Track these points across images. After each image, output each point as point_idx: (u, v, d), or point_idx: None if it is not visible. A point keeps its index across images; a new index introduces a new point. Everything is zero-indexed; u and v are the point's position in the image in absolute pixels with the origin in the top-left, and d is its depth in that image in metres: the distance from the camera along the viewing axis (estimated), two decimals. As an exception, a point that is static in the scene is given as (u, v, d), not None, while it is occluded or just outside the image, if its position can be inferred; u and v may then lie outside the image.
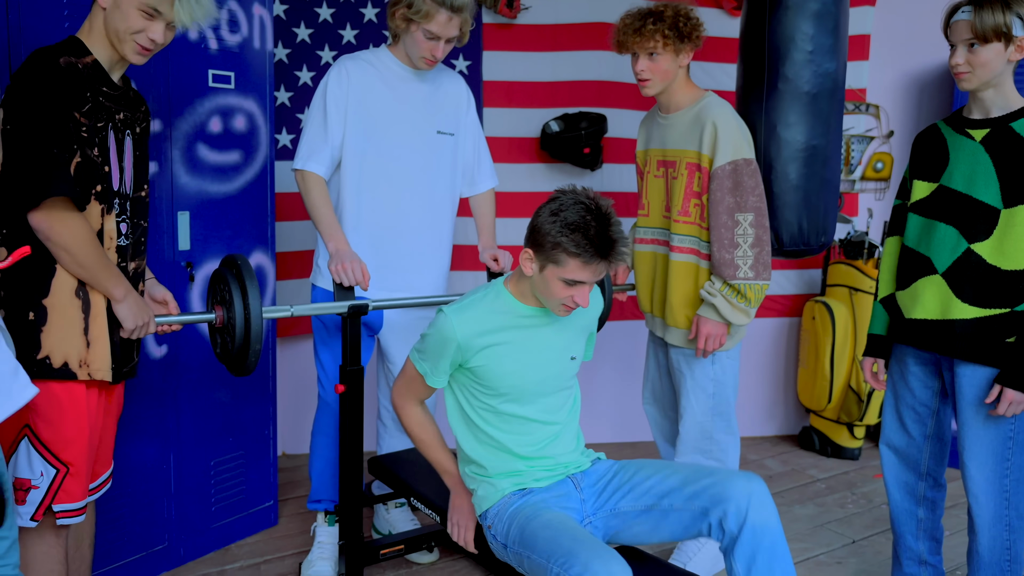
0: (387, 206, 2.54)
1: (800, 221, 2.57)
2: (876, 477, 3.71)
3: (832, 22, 2.51)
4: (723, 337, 2.46)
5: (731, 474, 1.85)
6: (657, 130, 2.59)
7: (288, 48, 3.50)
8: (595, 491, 2.02)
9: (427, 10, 2.35)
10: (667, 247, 2.55)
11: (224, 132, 2.71)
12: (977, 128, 2.17)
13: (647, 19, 2.41)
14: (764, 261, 2.41)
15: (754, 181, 2.39)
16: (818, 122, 2.54)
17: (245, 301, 2.02)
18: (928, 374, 2.32)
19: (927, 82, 4.08)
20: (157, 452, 2.63)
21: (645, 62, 2.44)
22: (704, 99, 2.48)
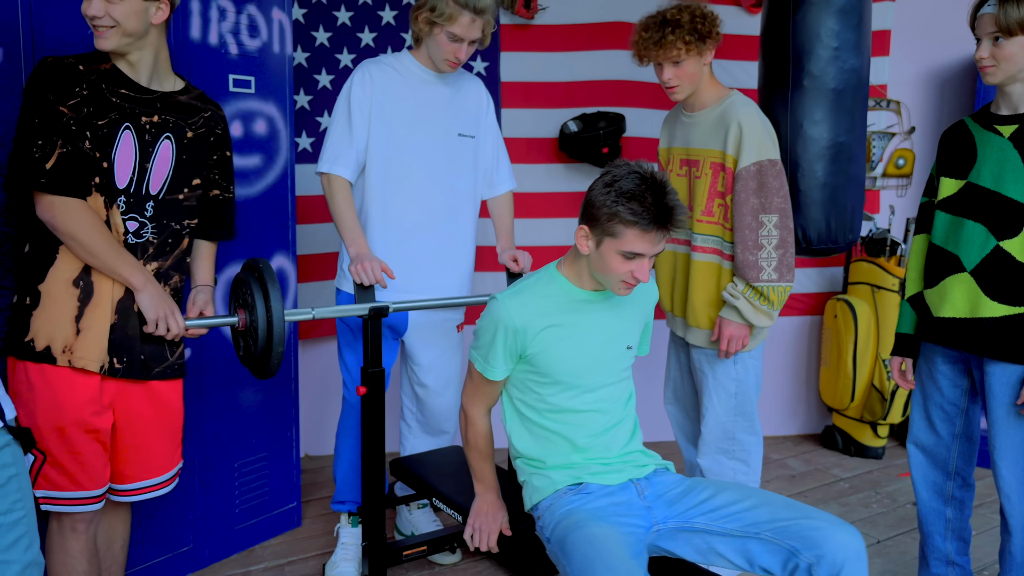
0: (411, 208, 2.53)
1: (828, 219, 2.53)
2: (900, 476, 3.66)
3: (856, 17, 2.46)
4: (746, 339, 2.42)
5: (832, 521, 1.74)
6: (681, 128, 2.55)
7: (307, 52, 3.50)
8: (664, 501, 1.93)
9: (450, 12, 2.35)
10: (688, 246, 2.52)
11: (245, 136, 2.71)
12: (1005, 124, 2.12)
13: (665, 29, 2.35)
14: (788, 263, 2.37)
15: (779, 182, 2.35)
16: (844, 119, 2.50)
17: (267, 304, 2.01)
18: (957, 373, 2.28)
19: (948, 77, 4.02)
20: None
21: (671, 70, 2.39)
22: (729, 98, 2.44)
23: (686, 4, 2.40)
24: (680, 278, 2.58)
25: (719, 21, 2.41)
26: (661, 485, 1.96)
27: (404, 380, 2.84)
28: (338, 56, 3.55)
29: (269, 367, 2.06)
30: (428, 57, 2.50)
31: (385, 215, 2.53)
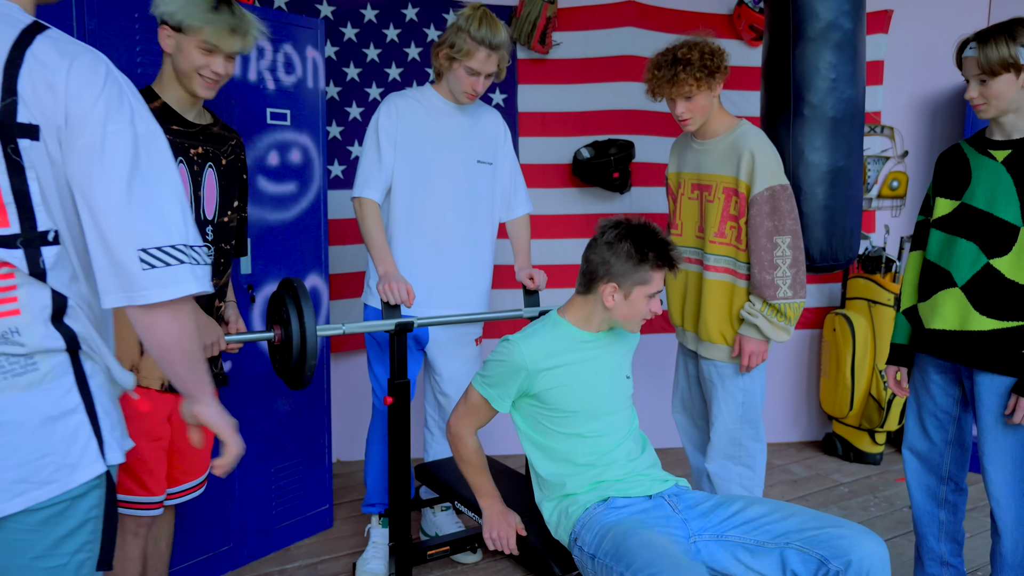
0: (433, 229, 2.56)
1: (829, 239, 2.54)
2: (897, 481, 3.62)
3: (852, 51, 2.48)
4: (765, 353, 2.41)
5: (859, 530, 1.73)
6: (692, 155, 2.55)
7: (339, 86, 3.55)
8: (697, 513, 1.90)
9: (468, 49, 2.41)
10: (701, 265, 2.52)
11: (281, 165, 2.75)
12: (999, 149, 2.12)
13: (677, 67, 2.35)
14: (801, 280, 2.37)
15: (790, 205, 2.35)
16: (842, 145, 2.51)
17: (301, 320, 2.04)
18: (949, 382, 2.26)
19: (939, 104, 4.00)
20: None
21: (683, 105, 2.39)
22: (739, 127, 2.44)
23: (695, 41, 2.40)
24: (692, 296, 2.57)
25: (726, 55, 2.42)
26: (692, 499, 1.94)
27: (428, 390, 2.86)
28: (367, 90, 3.59)
29: (303, 379, 2.08)
30: (448, 90, 2.54)
31: (409, 235, 2.56)
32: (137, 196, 1.15)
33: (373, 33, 3.57)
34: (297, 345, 2.04)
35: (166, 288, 1.16)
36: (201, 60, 1.87)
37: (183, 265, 1.17)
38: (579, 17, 3.72)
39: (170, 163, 1.21)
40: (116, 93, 1.16)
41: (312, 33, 2.81)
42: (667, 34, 3.67)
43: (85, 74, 1.14)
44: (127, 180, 1.14)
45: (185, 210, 1.20)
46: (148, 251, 1.15)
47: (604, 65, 3.75)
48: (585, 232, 3.80)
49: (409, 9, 3.60)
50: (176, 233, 1.18)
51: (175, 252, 1.17)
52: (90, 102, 1.13)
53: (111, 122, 1.14)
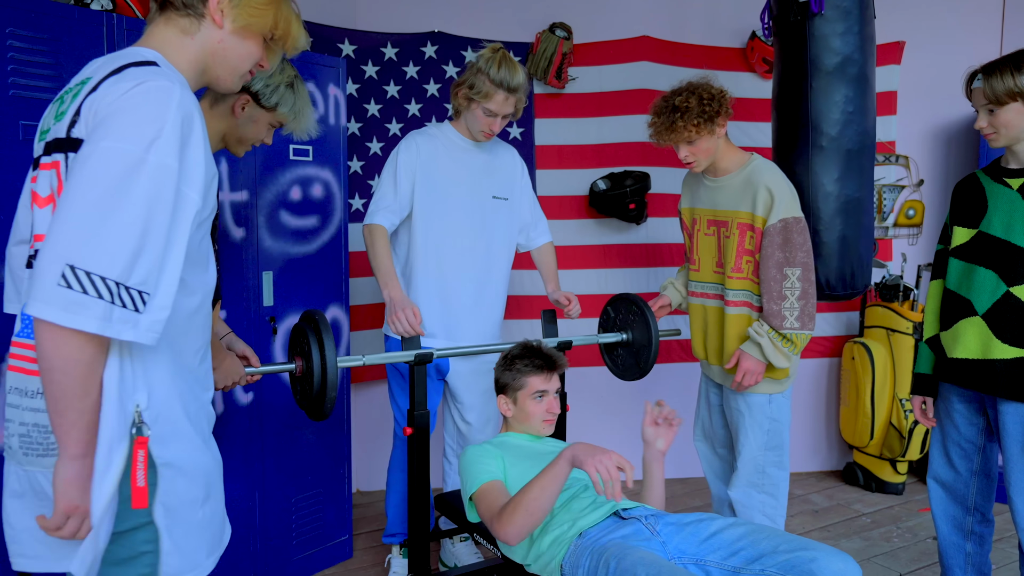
0: (451, 261, 2.59)
1: (850, 267, 2.55)
2: (921, 511, 3.55)
3: (865, 84, 2.49)
4: (759, 375, 2.40)
5: (827, 551, 1.71)
6: (705, 192, 2.55)
7: (360, 122, 3.60)
8: (674, 529, 1.88)
9: (487, 91, 2.45)
10: (722, 300, 2.51)
11: (303, 199, 2.78)
12: (1014, 177, 2.11)
13: (675, 115, 2.35)
14: (809, 312, 2.35)
15: (802, 238, 2.34)
16: (857, 176, 2.52)
17: (322, 352, 2.05)
18: (972, 411, 2.23)
19: (953, 133, 3.99)
20: (245, 490, 2.66)
21: (686, 149, 2.40)
22: (752, 162, 2.43)
23: (696, 84, 2.40)
24: (714, 330, 2.56)
25: (727, 97, 2.40)
26: (670, 517, 1.93)
27: (448, 419, 2.86)
28: (387, 125, 3.64)
29: (324, 410, 2.09)
30: (466, 128, 2.59)
31: (427, 268, 2.59)
32: (100, 213, 1.11)
33: (393, 71, 3.63)
34: (318, 377, 2.05)
35: (66, 313, 1.09)
36: (264, 133, 1.97)
37: (99, 300, 1.10)
38: (594, 52, 3.76)
39: (164, 204, 1.16)
40: (145, 116, 1.15)
41: (334, 71, 2.86)
42: (681, 68, 3.71)
43: (121, 92, 1.17)
44: (101, 196, 1.11)
45: (144, 252, 1.14)
46: (76, 270, 1.09)
47: (619, 99, 3.78)
48: (602, 262, 3.81)
49: (428, 47, 3.66)
50: (113, 267, 1.11)
51: (100, 284, 1.11)
52: (110, 113, 1.16)
53: (111, 138, 1.14)
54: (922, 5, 3.92)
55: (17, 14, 2.02)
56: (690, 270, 2.65)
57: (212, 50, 1.34)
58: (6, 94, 2.02)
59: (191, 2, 1.31)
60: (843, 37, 2.46)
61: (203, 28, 1.33)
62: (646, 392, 3.92)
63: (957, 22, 3.92)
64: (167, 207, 1.17)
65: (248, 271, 2.61)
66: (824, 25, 2.47)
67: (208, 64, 1.36)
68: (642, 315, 2.58)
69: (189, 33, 1.32)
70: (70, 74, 2.13)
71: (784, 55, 2.60)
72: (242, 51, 1.37)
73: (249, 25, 1.35)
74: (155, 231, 1.15)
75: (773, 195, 2.33)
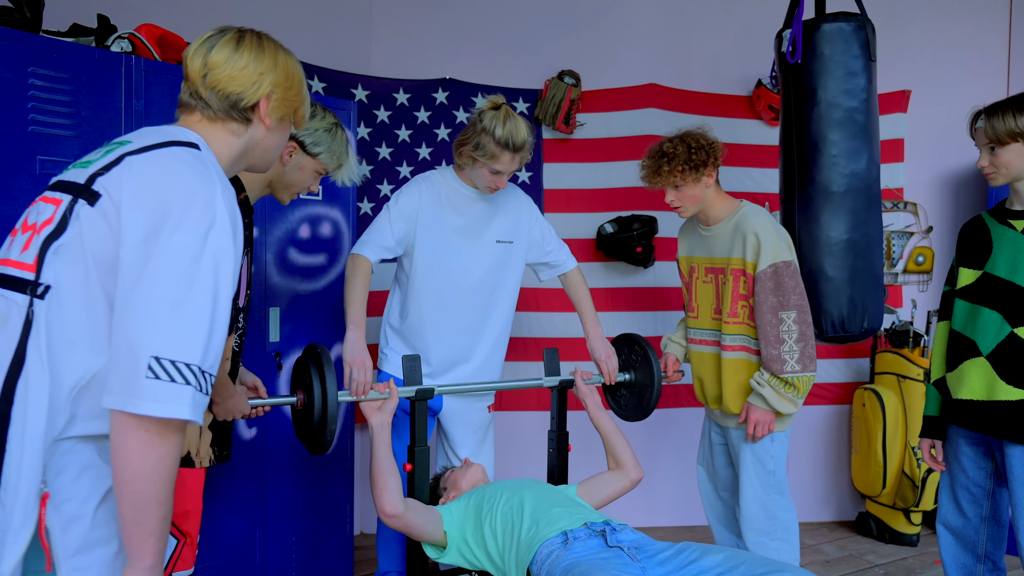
0: (453, 305, 2.57)
1: (840, 310, 2.54)
2: (935, 564, 3.46)
3: (856, 127, 2.52)
4: (771, 424, 2.41)
5: (800, 573, 1.73)
6: (700, 241, 2.59)
7: (371, 165, 3.67)
8: (656, 562, 1.87)
9: (492, 152, 2.38)
10: (718, 346, 2.52)
11: (312, 237, 2.83)
12: (1019, 218, 2.13)
13: (661, 160, 2.43)
14: (809, 354, 2.36)
15: (794, 281, 2.37)
16: (849, 217, 2.53)
17: (323, 386, 2.06)
18: (980, 455, 2.19)
19: (962, 180, 4.00)
20: (245, 528, 2.65)
21: (672, 193, 2.48)
22: (740, 210, 2.48)
23: (688, 133, 2.46)
24: (712, 376, 2.58)
25: (718, 147, 2.46)
26: (652, 549, 1.92)
27: (440, 455, 2.84)
28: (398, 168, 3.71)
29: (324, 443, 2.09)
30: (470, 179, 2.53)
31: (429, 311, 2.56)
32: (174, 303, 1.13)
33: (405, 115, 3.71)
34: (318, 410, 2.06)
35: (161, 404, 1.10)
36: (311, 180, 2.03)
37: (188, 387, 1.12)
38: (602, 99, 3.83)
39: (226, 283, 1.20)
40: (200, 207, 1.19)
41: (345, 115, 2.93)
42: (687, 115, 3.77)
43: (168, 181, 1.21)
44: (175, 287, 1.14)
45: (213, 335, 1.17)
46: (161, 360, 1.11)
47: (627, 144, 3.83)
48: (609, 305, 3.81)
49: (439, 93, 3.74)
50: (194, 353, 1.14)
51: (186, 371, 1.13)
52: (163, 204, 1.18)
53: (180, 231, 1.16)
54: (928, 54, 3.97)
55: (39, 54, 2.10)
56: (688, 317, 2.67)
57: (255, 145, 1.43)
58: (25, 130, 2.09)
59: (242, 112, 1.38)
60: (823, 84, 2.51)
61: (250, 130, 1.40)
62: (653, 436, 3.89)
63: (963, 70, 3.96)
64: (228, 290, 1.21)
65: (255, 307, 2.64)
66: (804, 73, 2.54)
67: (248, 155, 1.44)
68: (645, 356, 2.58)
69: (236, 135, 1.39)
70: (88, 112, 2.20)
71: (783, 102, 2.67)
72: (280, 140, 1.47)
73: (285, 115, 1.44)
74: (219, 314, 1.19)
75: (760, 240, 2.37)
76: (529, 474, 3.03)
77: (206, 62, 1.35)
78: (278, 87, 1.39)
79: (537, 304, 3.78)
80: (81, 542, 1.21)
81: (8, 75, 2.05)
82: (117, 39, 2.38)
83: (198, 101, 1.36)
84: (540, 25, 3.86)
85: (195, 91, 1.36)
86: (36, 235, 1.24)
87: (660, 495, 3.89)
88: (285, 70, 1.41)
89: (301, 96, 1.47)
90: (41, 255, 1.20)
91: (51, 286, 1.19)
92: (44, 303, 1.18)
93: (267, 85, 1.38)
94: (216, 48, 1.36)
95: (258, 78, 1.37)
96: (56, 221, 1.22)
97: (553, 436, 2.55)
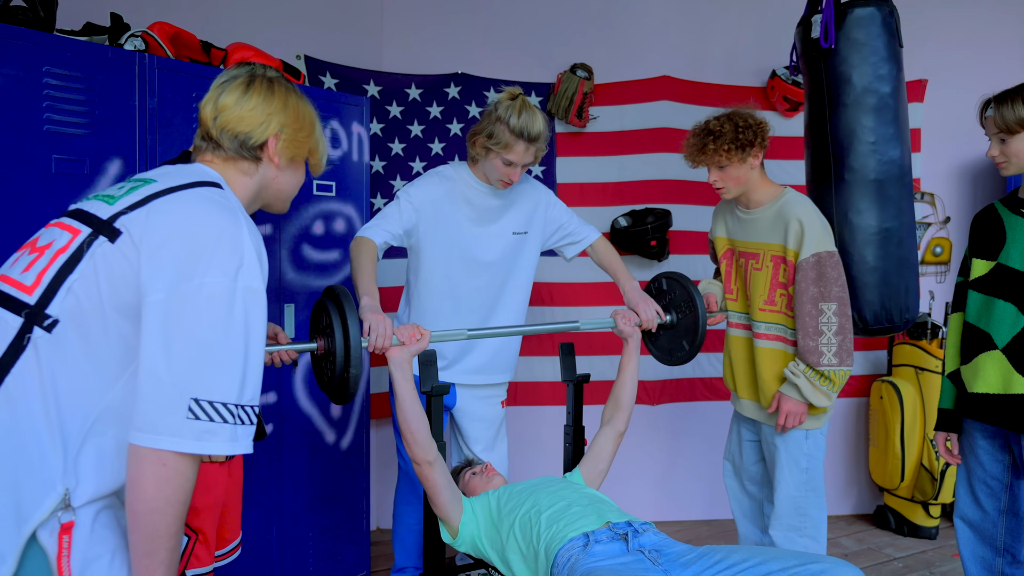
0: (469, 297, 2.56)
1: (882, 300, 2.47)
2: (955, 557, 3.43)
3: (890, 113, 2.48)
4: (803, 416, 2.35)
5: (835, 562, 1.67)
6: (737, 224, 2.54)
7: (384, 161, 3.67)
8: (680, 565, 1.83)
9: (506, 141, 2.35)
10: (750, 332, 2.49)
11: (326, 234, 2.83)
12: None
13: (707, 138, 2.37)
14: (847, 348, 2.30)
15: (837, 272, 2.31)
16: (888, 206, 2.48)
17: (344, 327, 1.90)
18: (997, 448, 2.17)
19: (979, 170, 3.96)
20: (262, 524, 2.66)
21: (716, 173, 2.40)
22: (784, 196, 2.42)
23: (736, 112, 2.39)
24: (745, 363, 2.52)
25: (766, 127, 2.39)
26: (674, 552, 1.88)
27: (454, 449, 2.84)
28: (411, 164, 3.70)
29: (348, 390, 1.92)
30: (483, 173, 2.51)
31: (444, 306, 2.55)
32: (209, 345, 1.17)
33: (417, 111, 3.70)
34: (340, 354, 1.90)
35: (201, 442, 1.16)
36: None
37: (225, 425, 1.18)
38: (615, 92, 3.81)
39: (258, 320, 1.23)
40: (228, 248, 1.21)
41: (358, 110, 2.93)
42: (701, 107, 3.74)
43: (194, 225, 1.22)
44: (210, 330, 1.17)
45: (249, 371, 1.22)
46: (200, 402, 1.16)
47: (640, 137, 3.81)
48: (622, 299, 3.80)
49: (451, 88, 3.74)
50: (230, 393, 1.19)
51: (223, 410, 1.19)
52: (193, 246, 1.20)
53: (211, 273, 1.19)
54: (945, 43, 3.92)
55: (53, 53, 2.11)
56: (727, 300, 2.61)
57: (267, 184, 1.47)
58: (40, 129, 2.10)
59: (251, 151, 1.42)
60: (858, 69, 2.46)
61: (260, 169, 1.44)
62: (672, 430, 3.87)
63: (980, 59, 3.91)
64: (261, 326, 1.24)
65: (270, 304, 2.64)
66: (838, 59, 2.48)
67: (262, 195, 1.48)
68: (685, 292, 2.45)
69: (248, 174, 1.44)
70: (103, 111, 2.21)
71: (809, 90, 2.61)
72: (292, 180, 1.52)
73: (296, 156, 1.49)
74: (254, 350, 1.23)
75: (804, 228, 2.31)
76: (544, 470, 3.02)
77: (217, 105, 1.41)
78: (287, 127, 1.44)
79: (552, 299, 3.77)
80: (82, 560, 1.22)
81: (23, 75, 2.06)
82: (130, 37, 2.39)
83: (210, 143, 1.41)
84: (552, 18, 3.84)
85: (207, 133, 1.42)
86: (41, 258, 1.25)
87: (680, 489, 3.88)
88: (295, 112, 1.46)
89: (314, 139, 1.51)
90: (53, 286, 1.21)
91: (59, 320, 1.20)
92: (52, 337, 1.19)
93: (275, 125, 1.43)
94: (226, 92, 1.42)
95: (266, 118, 1.42)
96: (70, 252, 1.23)
97: (569, 431, 2.54)
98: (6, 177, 2.05)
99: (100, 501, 1.24)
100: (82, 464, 1.21)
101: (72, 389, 1.20)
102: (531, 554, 1.94)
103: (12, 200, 2.06)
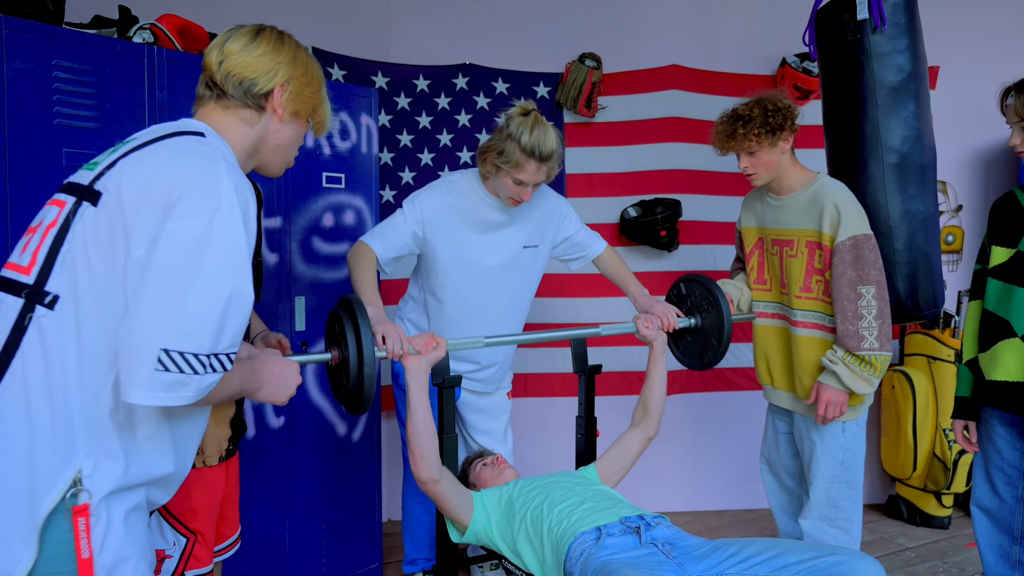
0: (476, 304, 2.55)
1: (932, 285, 2.47)
2: (968, 546, 3.42)
3: (926, 100, 2.47)
4: (843, 405, 2.31)
5: (853, 554, 1.65)
6: (768, 211, 2.50)
7: (392, 152, 3.66)
8: (694, 557, 1.82)
9: (517, 160, 2.28)
10: (787, 321, 2.46)
11: (335, 226, 2.82)
12: None
13: (736, 124, 2.34)
14: (887, 332, 2.27)
15: (874, 255, 2.27)
16: (931, 192, 2.48)
17: (358, 337, 1.87)
18: (1015, 436, 2.15)
19: (992, 157, 3.93)
20: (275, 517, 2.66)
21: (747, 159, 2.38)
22: (818, 180, 2.39)
23: (764, 97, 2.36)
24: (781, 353, 2.49)
25: (795, 111, 2.36)
26: (688, 545, 1.86)
27: (460, 445, 2.83)
28: (419, 155, 3.69)
29: (363, 400, 1.90)
30: (494, 188, 2.45)
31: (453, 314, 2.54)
32: (179, 293, 1.13)
33: (425, 102, 3.69)
34: (354, 363, 1.88)
35: (171, 394, 1.13)
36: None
37: (195, 376, 1.14)
38: (624, 82, 3.79)
39: (240, 269, 1.18)
40: (203, 192, 1.17)
41: (366, 101, 2.92)
42: (711, 96, 3.72)
43: (170, 170, 1.19)
44: (179, 276, 1.13)
45: (229, 318, 1.17)
46: (170, 353, 1.12)
47: (649, 127, 3.79)
48: (633, 290, 3.79)
49: (459, 79, 3.72)
50: (203, 342, 1.14)
51: (194, 361, 1.14)
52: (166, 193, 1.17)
53: (182, 218, 1.15)
54: (956, 30, 3.88)
55: (62, 46, 2.11)
56: (756, 289, 2.58)
57: (267, 137, 1.43)
58: (51, 123, 2.10)
59: (255, 99, 1.38)
60: (904, 53, 2.42)
61: (263, 119, 1.41)
62: (699, 420, 3.87)
63: (993, 46, 3.87)
64: (244, 271, 1.19)
65: (281, 296, 2.64)
66: (885, 42, 2.42)
67: (260, 148, 1.43)
68: (708, 292, 2.44)
69: (250, 123, 1.39)
70: (113, 104, 2.20)
71: (837, 75, 2.53)
72: (292, 136, 1.47)
73: (300, 111, 1.45)
74: (234, 294, 1.17)
75: (840, 212, 2.28)
76: (554, 461, 3.02)
77: (223, 50, 1.37)
78: (294, 79, 1.41)
79: (562, 290, 3.76)
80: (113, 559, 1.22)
81: (33, 68, 2.06)
82: (139, 30, 2.38)
83: (214, 89, 1.37)
84: (560, 7, 3.82)
85: (211, 79, 1.37)
86: (34, 236, 1.24)
87: (708, 479, 3.89)
88: (304, 66, 1.43)
89: (320, 97, 1.47)
90: (48, 262, 1.19)
91: (60, 296, 1.18)
92: (55, 314, 1.17)
93: (283, 75, 1.39)
94: (233, 39, 1.38)
95: (274, 66, 1.38)
96: (59, 224, 1.22)
97: (581, 422, 2.53)
98: (18, 171, 2.05)
99: (131, 494, 1.23)
100: (102, 445, 1.20)
101: (81, 366, 1.18)
102: (542, 547, 1.94)
103: (24, 193, 2.05)
